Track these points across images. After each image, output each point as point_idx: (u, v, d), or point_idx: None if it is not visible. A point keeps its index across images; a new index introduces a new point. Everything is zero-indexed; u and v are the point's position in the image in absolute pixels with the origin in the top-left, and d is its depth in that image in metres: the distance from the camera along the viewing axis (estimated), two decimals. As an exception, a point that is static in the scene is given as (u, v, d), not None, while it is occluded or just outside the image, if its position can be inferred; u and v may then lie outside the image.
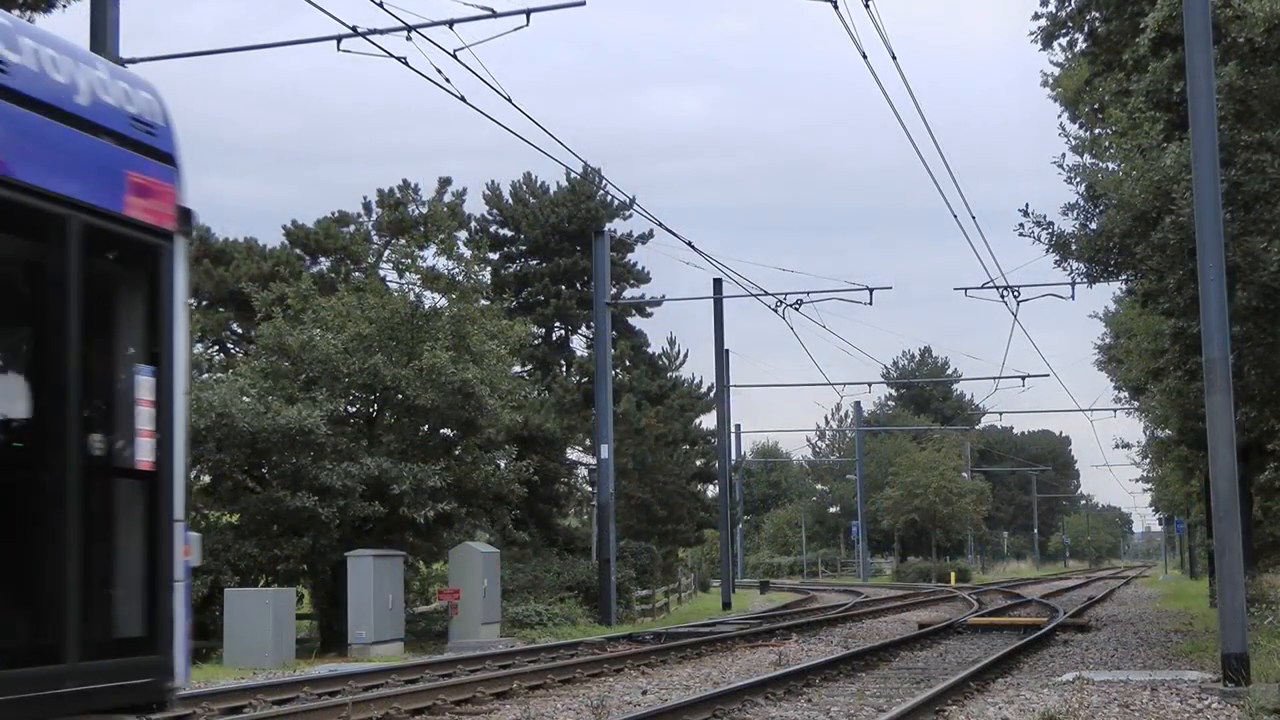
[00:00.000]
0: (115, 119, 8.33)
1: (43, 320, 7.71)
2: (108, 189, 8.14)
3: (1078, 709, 13.02)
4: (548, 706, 14.22)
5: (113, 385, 8.23)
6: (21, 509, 7.50)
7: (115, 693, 7.98)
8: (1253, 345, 20.53)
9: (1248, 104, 18.24)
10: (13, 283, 7.78)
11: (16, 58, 7.61)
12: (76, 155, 7.98)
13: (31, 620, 7.45)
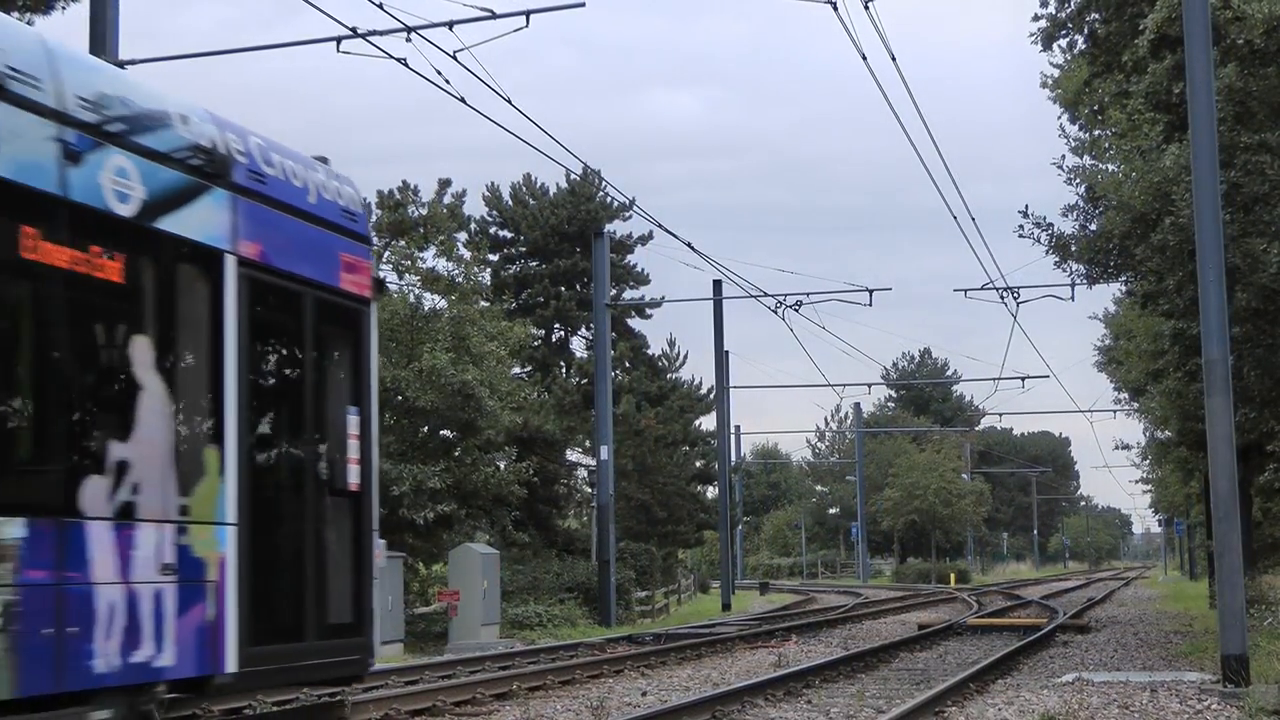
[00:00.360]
0: (332, 212, 11.20)
1: (289, 374, 10.89)
2: (329, 268, 10.98)
3: (1077, 710, 13.02)
4: (547, 707, 14.22)
5: (333, 423, 10.96)
6: (285, 522, 10.47)
7: (336, 666, 10.95)
8: (1252, 347, 20.54)
9: (1247, 105, 18.24)
10: (271, 346, 10.76)
11: (270, 170, 10.48)
12: (309, 243, 10.81)
13: (291, 606, 10.35)
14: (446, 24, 18.75)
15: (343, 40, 19.25)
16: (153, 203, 9.21)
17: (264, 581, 9.97)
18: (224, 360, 9.74)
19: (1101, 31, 21.86)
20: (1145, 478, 74.45)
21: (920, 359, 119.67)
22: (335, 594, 10.81)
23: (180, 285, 9.51)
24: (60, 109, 8.48)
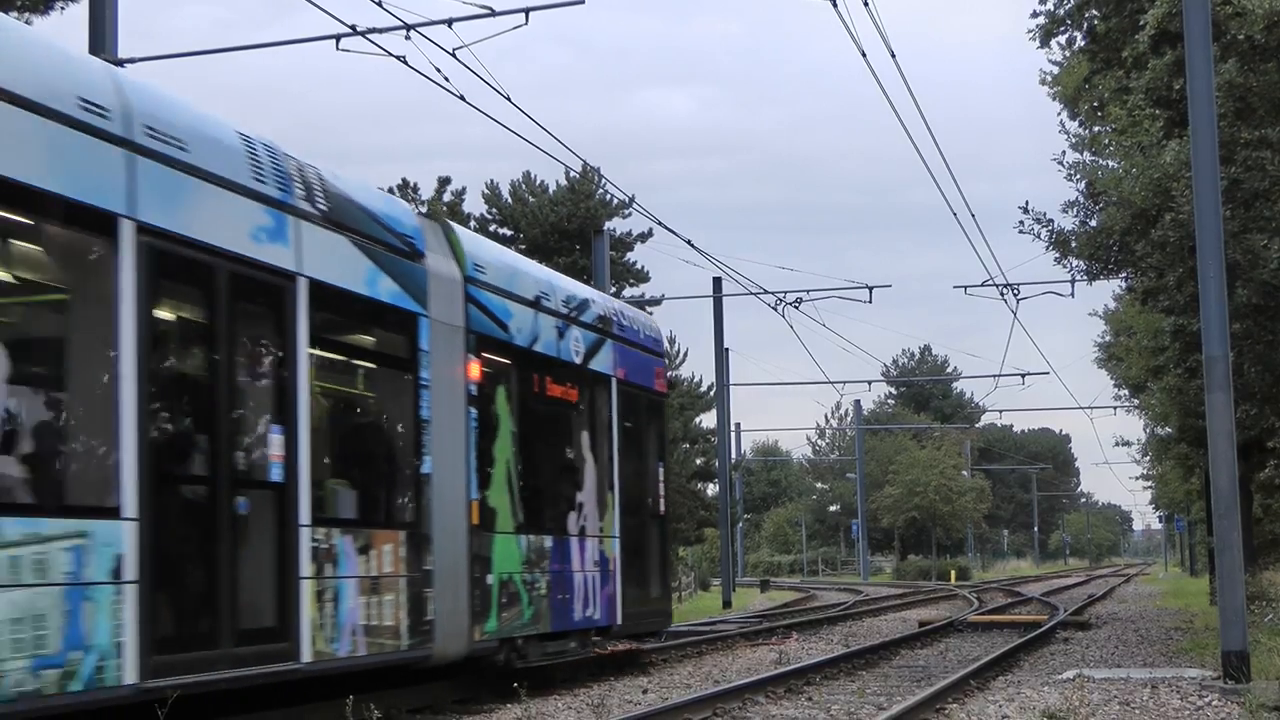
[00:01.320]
0: (650, 342, 19.21)
1: (639, 445, 18.75)
2: (650, 378, 19.17)
3: (1078, 707, 13.01)
4: (548, 705, 14.22)
5: (652, 472, 19.31)
6: (639, 534, 18.42)
7: (659, 620, 19.29)
8: (1253, 343, 20.54)
9: (1247, 101, 18.23)
10: (630, 428, 18.27)
11: (626, 322, 18.28)
12: (643, 365, 18.79)
13: (644, 585, 18.63)
14: (446, 21, 18.73)
15: (342, 38, 19.24)
16: (586, 354, 17.09)
17: (631, 570, 17.99)
18: (613, 440, 17.69)
19: (1101, 28, 21.85)
20: (1145, 474, 74.48)
21: (920, 356, 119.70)
22: (658, 579, 19.31)
23: (598, 399, 17.43)
24: (569, 318, 16.74)
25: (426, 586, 13.05)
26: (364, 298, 12.39)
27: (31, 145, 8.77)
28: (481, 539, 14.21)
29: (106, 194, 9.35)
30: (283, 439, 11.04)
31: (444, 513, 13.48)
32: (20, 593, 8.42)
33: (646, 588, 18.79)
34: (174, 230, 9.95)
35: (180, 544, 10.02)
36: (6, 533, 8.38)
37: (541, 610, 15.44)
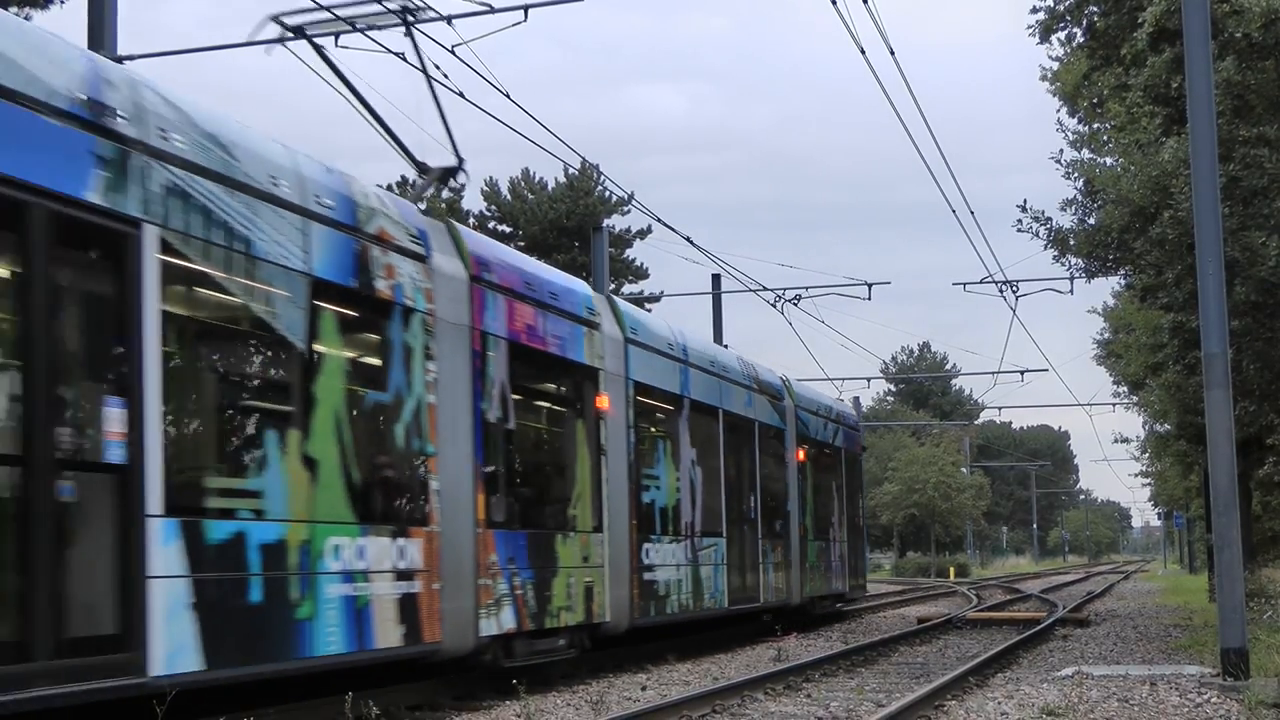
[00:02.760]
0: (851, 420, 31.77)
1: (856, 487, 32.54)
2: (856, 442, 31.87)
3: (1077, 704, 13.02)
4: (547, 703, 14.22)
5: (858, 506, 32.44)
6: (857, 547, 31.51)
7: (860, 590, 32.18)
8: (1251, 340, 20.54)
9: (1245, 99, 18.23)
10: (830, 473, 29.34)
11: (808, 395, 27.85)
12: (849, 433, 30.98)
13: (859, 572, 32.11)
14: (445, 18, 18.73)
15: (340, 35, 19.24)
16: (776, 414, 24.97)
17: (853, 561, 30.62)
18: (791, 477, 25.72)
19: (1100, 24, 21.84)
20: (1144, 471, 74.44)
21: (919, 353, 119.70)
22: (861, 567, 31.54)
23: (777, 449, 25.35)
24: (784, 403, 25.95)
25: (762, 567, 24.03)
26: (563, 360, 16.65)
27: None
28: (805, 544, 26.67)
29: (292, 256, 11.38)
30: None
31: (812, 526, 27.28)
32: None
33: (859, 573, 32.04)
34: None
35: None
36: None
37: (819, 581, 27.80)
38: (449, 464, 13.53)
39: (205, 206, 10.39)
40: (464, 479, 13.86)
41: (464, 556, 13.80)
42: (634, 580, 18.23)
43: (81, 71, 9.55)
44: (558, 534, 16.05)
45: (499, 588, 14.39)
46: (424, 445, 13.11)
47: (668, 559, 19.44)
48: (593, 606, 16.73)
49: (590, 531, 16.90)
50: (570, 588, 16.11)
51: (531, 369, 15.85)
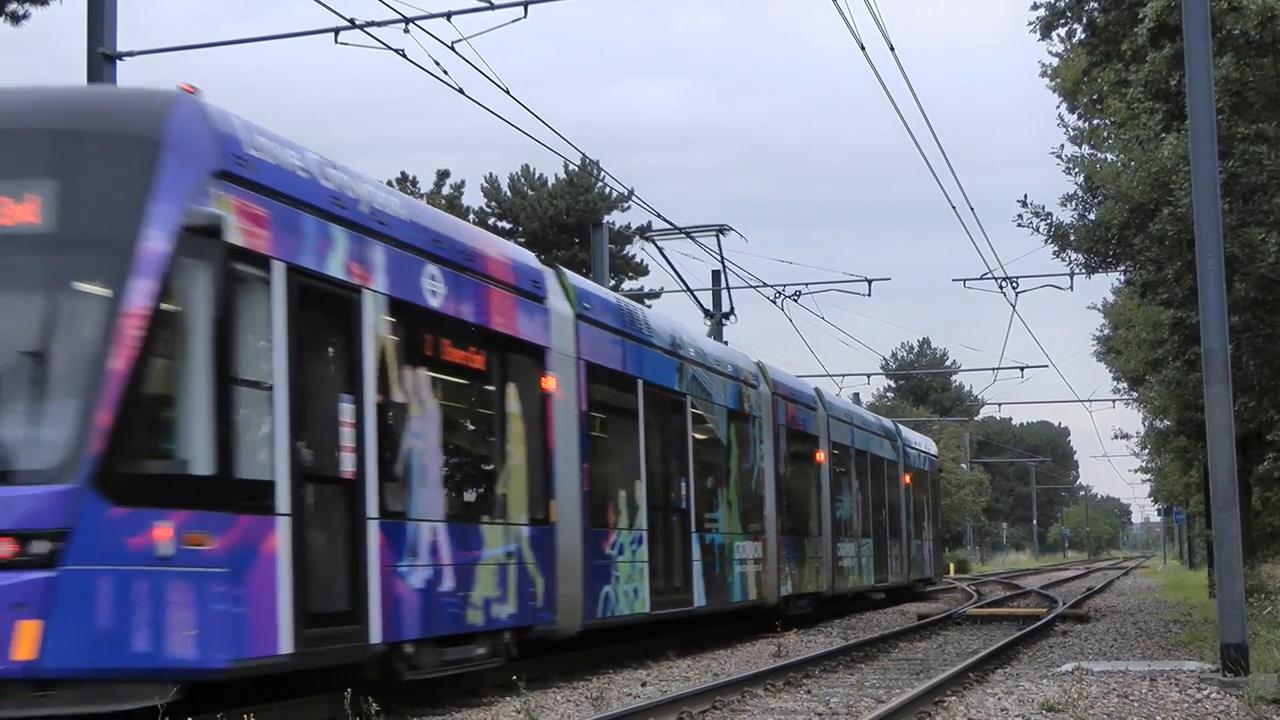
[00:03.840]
0: (926, 444, 42.10)
1: (936, 497, 43.63)
2: (934, 467, 42.52)
3: (1077, 699, 13.04)
4: (547, 699, 14.24)
5: (934, 514, 41.69)
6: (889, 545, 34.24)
7: (925, 583, 40.10)
8: (1251, 336, 20.55)
9: (1244, 96, 18.23)
10: (921, 488, 39.71)
11: (922, 443, 41.76)
12: (933, 460, 42.55)
13: (936, 564, 42.74)
14: (445, 15, 18.76)
15: (340, 31, 19.27)
16: (895, 452, 35.74)
17: (930, 556, 40.30)
18: (901, 496, 36.54)
19: (1101, 20, 21.83)
20: (1144, 467, 74.49)
21: (919, 349, 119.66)
22: (939, 559, 42.52)
23: (894, 474, 35.65)
24: (898, 442, 36.68)
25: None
26: (730, 409, 22.58)
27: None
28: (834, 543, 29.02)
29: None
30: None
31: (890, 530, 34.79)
32: None
33: (936, 563, 41.03)
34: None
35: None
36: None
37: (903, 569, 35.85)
38: (563, 471, 16.17)
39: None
40: (573, 484, 16.78)
41: (576, 547, 16.46)
42: (833, 563, 28.47)
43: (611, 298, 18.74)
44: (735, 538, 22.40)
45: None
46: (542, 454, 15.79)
47: (853, 552, 30.37)
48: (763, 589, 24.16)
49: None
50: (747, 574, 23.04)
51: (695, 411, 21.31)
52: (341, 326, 12.01)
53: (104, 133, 10.51)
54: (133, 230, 10.03)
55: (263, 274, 10.86)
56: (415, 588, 12.73)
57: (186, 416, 10.23)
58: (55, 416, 9.77)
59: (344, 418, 11.82)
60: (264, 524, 10.66)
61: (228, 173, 10.60)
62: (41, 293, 10.19)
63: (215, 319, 10.34)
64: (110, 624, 9.53)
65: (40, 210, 10.17)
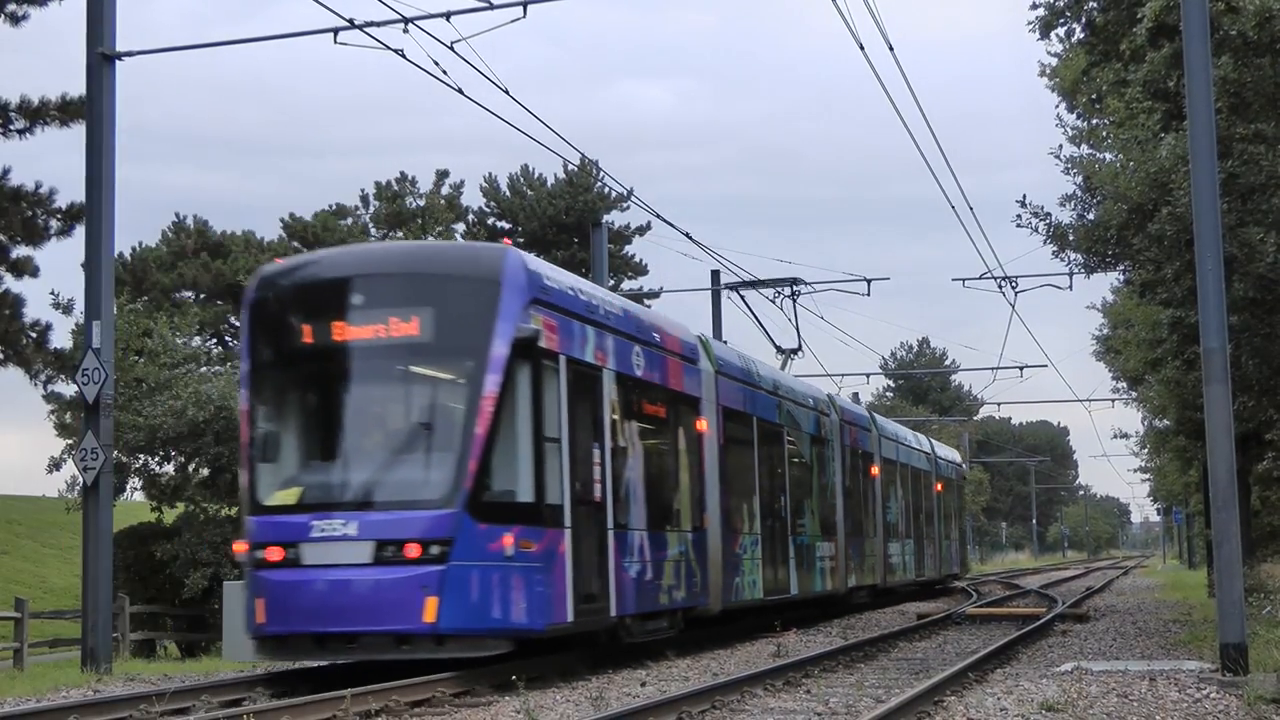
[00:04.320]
0: (953, 454, 48.36)
1: (961, 500, 49.88)
2: (959, 475, 48.64)
3: (1076, 699, 13.05)
4: (547, 699, 14.24)
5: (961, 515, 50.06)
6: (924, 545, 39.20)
7: (954, 577, 45.43)
8: (1250, 335, 20.56)
9: (1242, 96, 18.24)
10: (950, 494, 44.70)
11: (950, 456, 47.32)
12: (956, 468, 47.36)
13: (965, 559, 52.04)
14: (444, 15, 18.76)
15: (340, 31, 19.28)
16: (929, 464, 40.78)
17: (961, 552, 48.20)
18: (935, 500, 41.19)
19: (1100, 20, 21.85)
20: (1144, 467, 74.49)
21: (919, 348, 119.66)
22: (964, 555, 49.77)
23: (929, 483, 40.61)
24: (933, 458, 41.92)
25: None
26: (811, 435, 27.82)
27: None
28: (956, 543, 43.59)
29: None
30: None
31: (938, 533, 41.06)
32: None
33: (961, 559, 45.84)
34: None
35: None
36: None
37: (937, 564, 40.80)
38: (709, 490, 21.15)
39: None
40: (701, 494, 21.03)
41: (719, 548, 21.18)
42: (884, 560, 33.85)
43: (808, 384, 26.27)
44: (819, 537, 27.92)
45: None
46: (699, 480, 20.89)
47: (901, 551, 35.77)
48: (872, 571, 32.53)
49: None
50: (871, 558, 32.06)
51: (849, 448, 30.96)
52: (591, 395, 17.03)
53: (462, 276, 15.63)
54: (485, 340, 14.98)
55: (554, 365, 15.95)
56: (632, 577, 17.74)
57: (518, 463, 15.22)
58: (441, 465, 14.89)
59: (595, 459, 16.86)
60: (559, 534, 15.75)
61: (536, 299, 15.68)
62: (427, 383, 15.67)
63: (532, 397, 15.36)
64: (477, 600, 14.66)
65: (423, 327, 15.29)
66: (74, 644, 22.89)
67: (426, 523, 14.59)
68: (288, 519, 15.04)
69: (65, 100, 28.56)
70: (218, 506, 29.34)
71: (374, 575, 14.67)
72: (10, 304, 29.90)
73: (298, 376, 16.06)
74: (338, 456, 15.53)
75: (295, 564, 14.89)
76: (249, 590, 15.35)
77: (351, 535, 14.71)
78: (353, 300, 15.70)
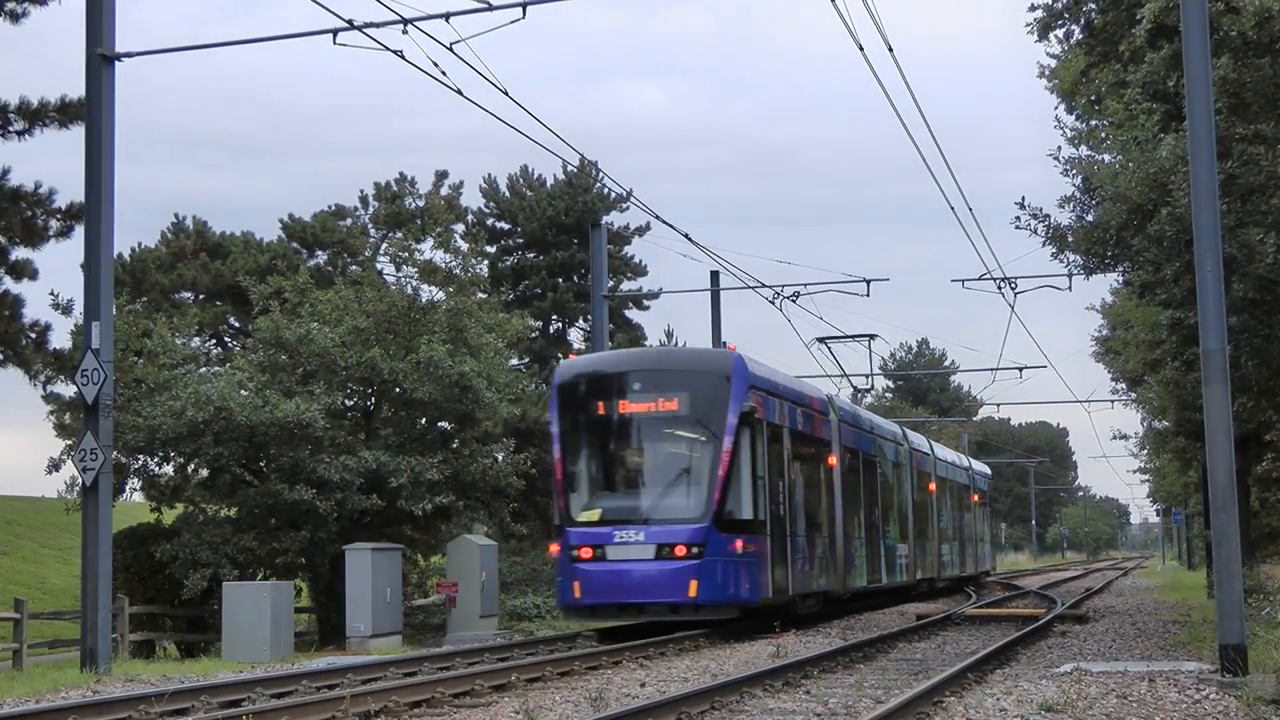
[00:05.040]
0: (984, 471, 55.11)
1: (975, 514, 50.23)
2: (990, 485, 56.60)
3: (1076, 700, 13.05)
4: (546, 699, 14.24)
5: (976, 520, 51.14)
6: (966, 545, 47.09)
7: (983, 574, 51.65)
8: (1250, 336, 20.55)
9: (1241, 97, 18.23)
10: (983, 503, 53.03)
11: (973, 465, 53.50)
12: (988, 479, 55.93)
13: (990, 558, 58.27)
14: (443, 15, 18.75)
15: (339, 32, 19.27)
16: (970, 481, 48.60)
17: (987, 551, 54.51)
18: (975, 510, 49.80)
19: (1099, 21, 21.86)
20: (1143, 467, 74.45)
21: (918, 349, 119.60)
22: (992, 554, 56.93)
23: (968, 497, 47.55)
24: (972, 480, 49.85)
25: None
26: (891, 461, 35.12)
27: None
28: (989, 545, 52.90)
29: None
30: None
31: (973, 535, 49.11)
32: None
33: (992, 558, 54.62)
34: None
35: None
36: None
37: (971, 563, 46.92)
38: (838, 505, 29.04)
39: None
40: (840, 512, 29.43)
41: (841, 548, 29.14)
42: (939, 558, 41.14)
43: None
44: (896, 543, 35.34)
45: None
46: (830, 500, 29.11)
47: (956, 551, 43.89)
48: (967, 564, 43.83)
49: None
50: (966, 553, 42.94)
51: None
52: (777, 446, 24.65)
53: (706, 371, 23.36)
54: (722, 414, 22.71)
55: (760, 428, 23.47)
56: (800, 570, 25.48)
57: (742, 494, 22.75)
58: (696, 495, 22.58)
59: (780, 488, 24.59)
60: (764, 540, 23.37)
61: (751, 385, 23.33)
62: (684, 441, 23.28)
63: (750, 450, 22.91)
64: (720, 582, 22.20)
65: (681, 405, 23.02)
66: (73, 645, 22.89)
67: (689, 533, 22.39)
68: (595, 530, 22.69)
69: (64, 101, 28.55)
70: (217, 507, 29.35)
71: (656, 566, 22.31)
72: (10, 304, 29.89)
73: (595, 436, 23.59)
74: (627, 489, 23.53)
75: (602, 559, 22.49)
76: (564, 577, 22.82)
77: (640, 541, 22.43)
78: (633, 386, 23.40)
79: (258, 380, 28.94)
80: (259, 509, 28.09)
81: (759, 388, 23.84)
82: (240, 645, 23.11)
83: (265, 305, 30.51)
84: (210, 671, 19.18)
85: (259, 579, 27.24)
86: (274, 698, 14.71)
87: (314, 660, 21.16)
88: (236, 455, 28.02)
